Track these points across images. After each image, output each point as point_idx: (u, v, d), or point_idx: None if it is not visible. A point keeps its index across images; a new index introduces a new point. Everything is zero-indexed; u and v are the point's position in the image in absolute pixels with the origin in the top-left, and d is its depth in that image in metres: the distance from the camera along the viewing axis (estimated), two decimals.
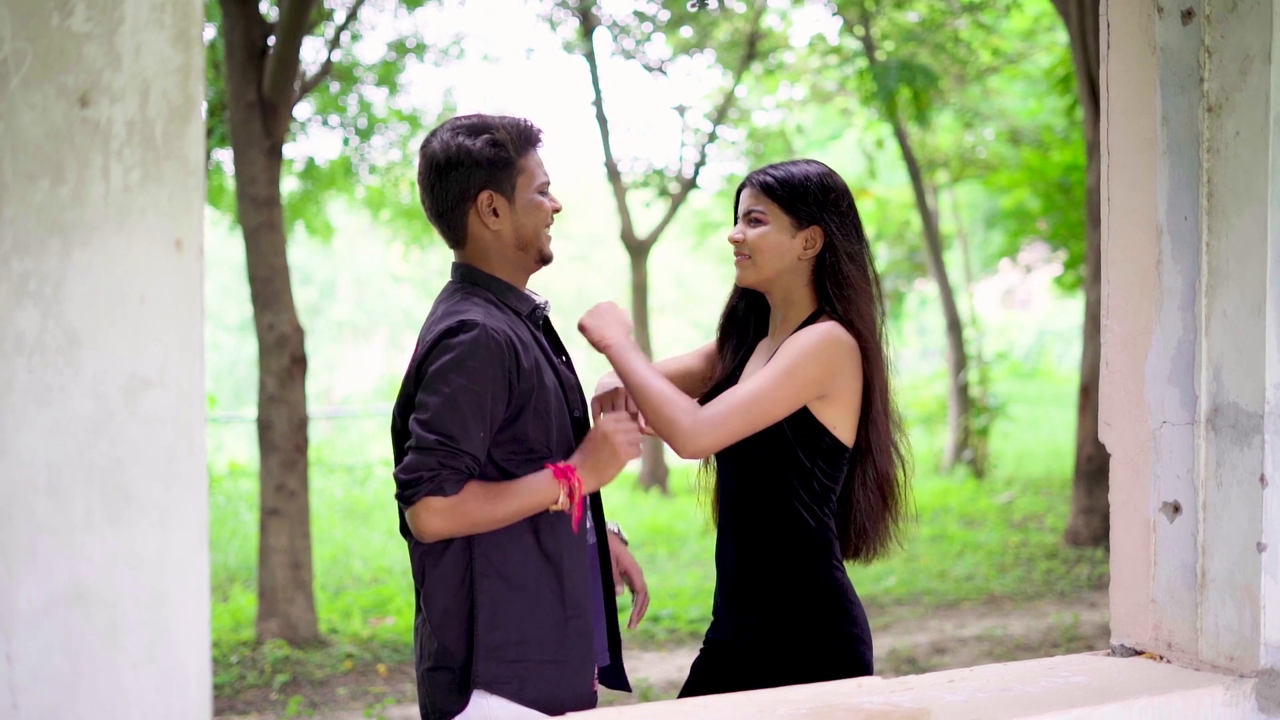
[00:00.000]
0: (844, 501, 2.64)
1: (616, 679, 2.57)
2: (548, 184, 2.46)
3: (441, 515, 2.25)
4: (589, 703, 2.39)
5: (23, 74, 1.41)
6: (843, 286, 2.60)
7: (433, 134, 2.45)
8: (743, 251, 2.66)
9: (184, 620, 1.49)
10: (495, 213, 2.40)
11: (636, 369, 2.49)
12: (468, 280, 2.44)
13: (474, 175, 2.38)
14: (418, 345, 2.36)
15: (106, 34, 1.44)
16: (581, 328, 2.57)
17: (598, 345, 2.54)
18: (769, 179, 2.65)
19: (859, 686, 2.15)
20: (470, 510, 2.26)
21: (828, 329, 2.53)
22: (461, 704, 2.32)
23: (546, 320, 2.56)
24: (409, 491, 2.24)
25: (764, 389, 2.47)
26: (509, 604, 2.32)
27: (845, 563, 2.68)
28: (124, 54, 1.45)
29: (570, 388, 2.46)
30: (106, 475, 1.44)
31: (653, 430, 2.50)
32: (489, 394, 2.28)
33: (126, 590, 1.45)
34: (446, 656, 2.35)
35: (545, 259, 2.49)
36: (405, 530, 2.41)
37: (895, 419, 2.66)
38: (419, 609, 2.41)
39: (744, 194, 2.69)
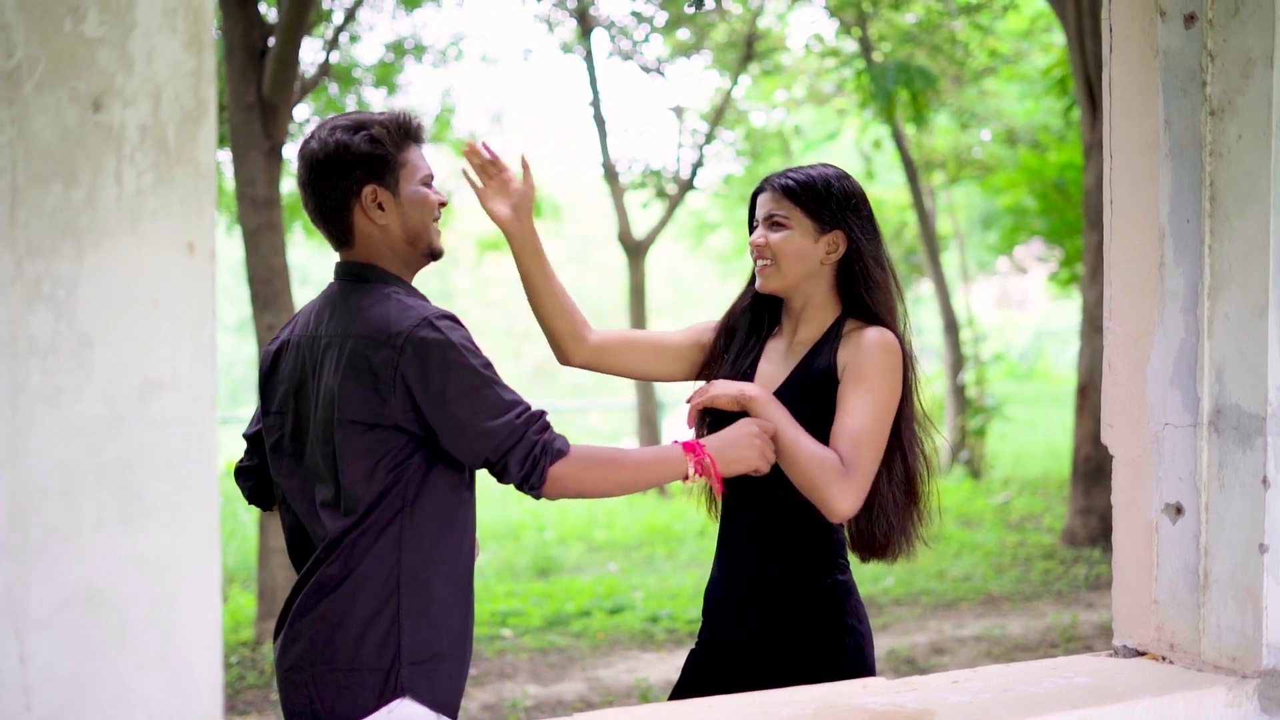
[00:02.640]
0: (869, 500, 2.63)
1: None
2: (431, 177, 2.43)
3: (571, 472, 2.25)
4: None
5: (36, 79, 1.42)
6: (874, 291, 2.60)
7: (309, 136, 2.41)
8: (765, 256, 2.62)
9: (194, 621, 1.49)
10: (380, 207, 2.37)
11: (783, 423, 2.47)
12: (370, 278, 2.38)
13: (355, 171, 2.35)
14: (362, 343, 2.26)
15: (119, 39, 1.45)
16: (713, 396, 2.53)
17: (738, 399, 2.51)
18: (790, 182, 2.62)
19: (863, 687, 2.16)
20: (591, 466, 2.28)
21: (886, 339, 2.54)
22: (374, 706, 2.26)
23: None
24: (536, 476, 2.23)
25: (878, 421, 2.49)
26: (428, 610, 2.30)
27: (871, 563, 2.69)
28: (136, 58, 1.46)
29: None
30: (118, 477, 1.45)
31: (794, 483, 2.48)
32: (491, 362, 2.29)
33: (137, 592, 1.46)
34: (357, 659, 2.28)
35: (435, 254, 2.45)
36: (345, 527, 2.33)
37: (921, 418, 2.66)
38: (307, 611, 2.32)
39: (763, 198, 2.65)
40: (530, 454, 2.22)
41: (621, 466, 2.32)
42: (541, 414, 2.27)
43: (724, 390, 2.52)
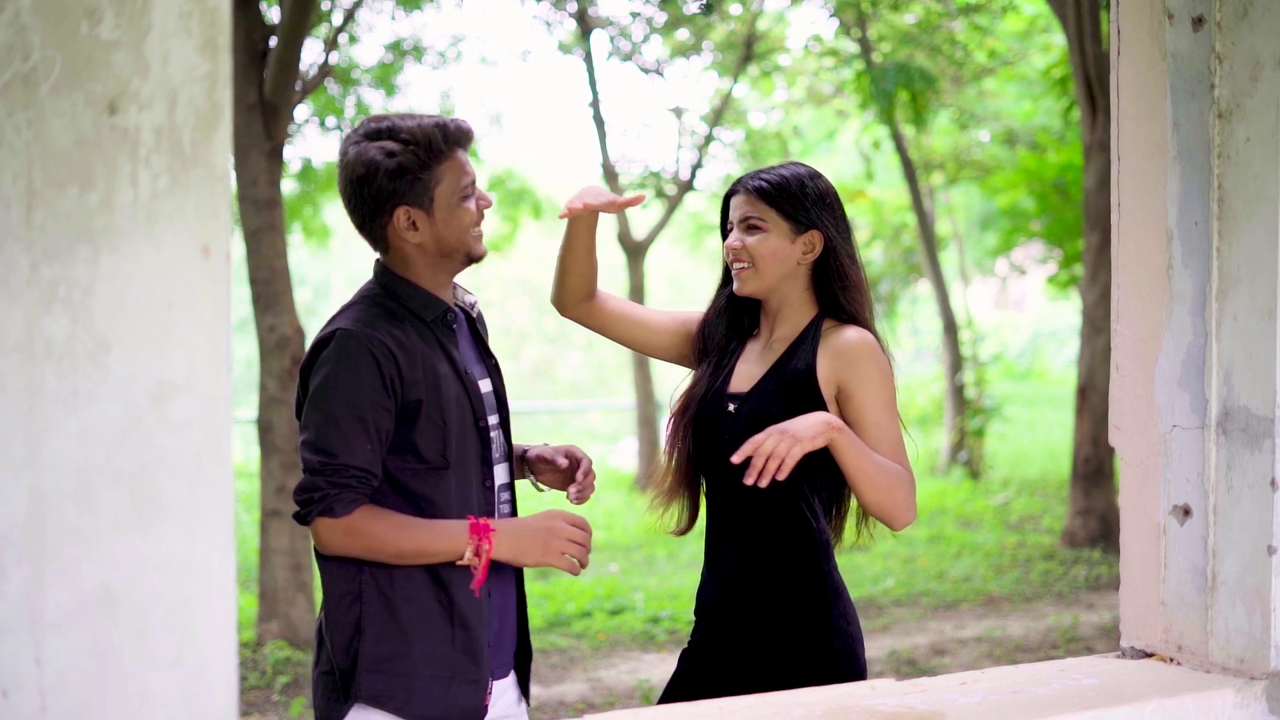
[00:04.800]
0: (840, 494, 2.68)
1: (521, 690, 2.55)
2: (472, 183, 2.39)
3: (335, 535, 2.26)
4: (478, 717, 2.38)
5: (52, 81, 1.42)
6: (849, 289, 2.62)
7: (347, 140, 2.38)
8: (742, 259, 2.62)
9: (210, 623, 1.49)
10: (415, 226, 2.35)
11: (868, 454, 2.47)
12: (379, 282, 2.42)
13: (386, 192, 2.32)
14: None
15: (135, 42, 1.45)
16: (781, 431, 2.42)
17: (826, 435, 2.43)
18: (764, 183, 2.61)
19: (872, 688, 2.17)
20: (366, 534, 2.26)
21: (867, 339, 2.57)
22: (341, 712, 2.31)
23: (471, 320, 2.52)
24: (301, 514, 2.27)
25: (895, 423, 2.56)
26: (395, 619, 2.31)
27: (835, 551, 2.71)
28: (152, 62, 1.46)
29: (478, 395, 2.41)
30: (134, 480, 1.45)
31: (871, 506, 2.51)
32: (368, 405, 2.25)
33: (154, 593, 1.46)
34: (332, 663, 2.33)
35: (474, 258, 2.44)
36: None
37: None
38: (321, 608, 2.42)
39: (736, 200, 2.65)
40: (308, 495, 2.25)
41: (394, 539, 2.27)
42: (348, 471, 2.24)
43: (814, 431, 2.42)
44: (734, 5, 12.26)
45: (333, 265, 27.53)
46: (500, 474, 2.48)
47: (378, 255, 2.45)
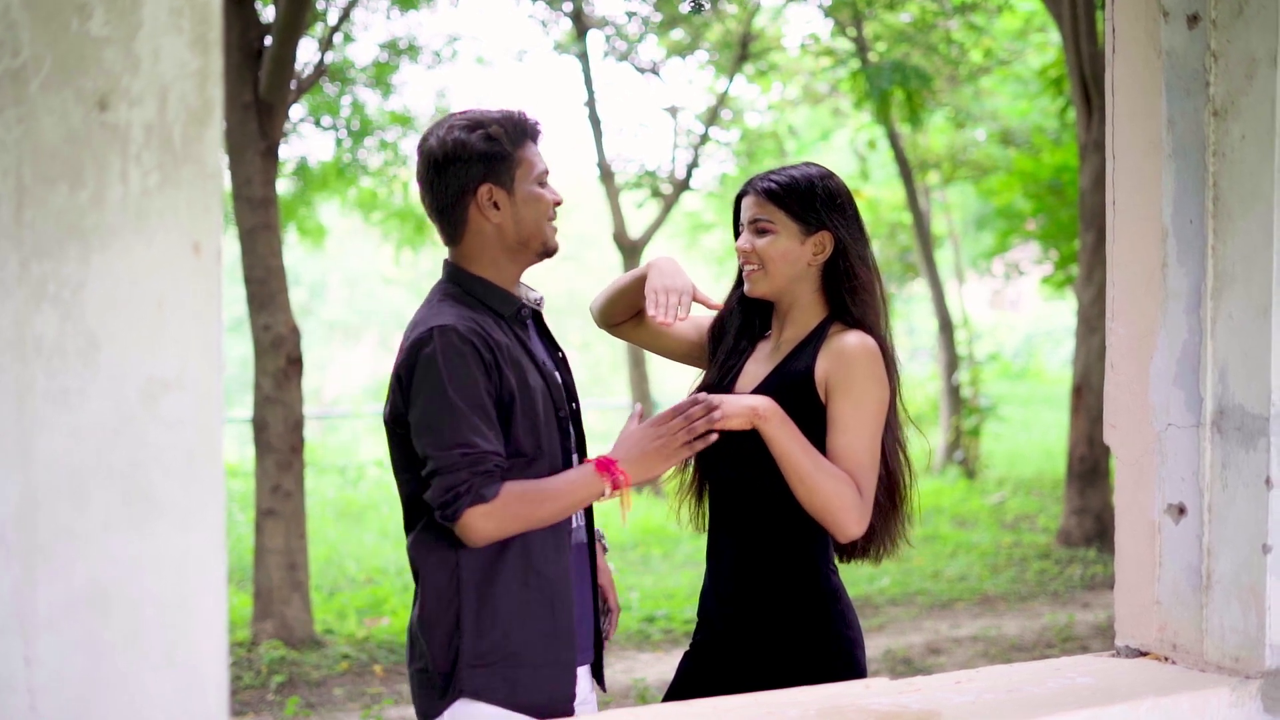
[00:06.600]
0: None
1: (596, 677, 2.58)
2: (547, 174, 2.45)
3: (488, 520, 2.26)
4: (569, 703, 2.41)
5: (42, 78, 1.42)
6: (858, 291, 2.59)
7: (429, 131, 2.45)
8: (752, 261, 2.61)
9: (203, 622, 1.49)
10: (496, 205, 2.39)
11: (801, 449, 2.45)
12: (452, 281, 2.45)
13: (472, 169, 2.38)
14: (399, 348, 2.39)
15: (125, 38, 1.45)
16: (721, 413, 2.45)
17: (750, 419, 2.45)
18: (773, 185, 2.60)
19: (867, 688, 2.16)
20: (516, 511, 2.28)
21: (867, 344, 2.52)
22: (440, 708, 2.34)
23: (539, 317, 2.55)
24: (450, 510, 2.25)
25: (868, 435, 2.49)
26: (495, 612, 2.33)
27: (854, 563, 2.68)
28: (142, 58, 1.45)
29: (556, 386, 2.45)
30: (126, 478, 1.44)
31: (803, 504, 2.47)
32: (483, 393, 2.29)
33: (146, 592, 1.45)
34: (430, 660, 2.36)
35: (549, 251, 2.47)
36: (408, 527, 2.42)
37: (902, 421, 2.66)
38: (414, 607, 2.43)
39: (746, 202, 2.63)
40: (453, 488, 2.25)
41: (541, 502, 2.31)
42: (486, 457, 2.27)
43: (735, 411, 2.45)
44: (730, 5, 12.25)
45: (328, 265, 27.51)
46: None
47: (446, 257, 2.48)
